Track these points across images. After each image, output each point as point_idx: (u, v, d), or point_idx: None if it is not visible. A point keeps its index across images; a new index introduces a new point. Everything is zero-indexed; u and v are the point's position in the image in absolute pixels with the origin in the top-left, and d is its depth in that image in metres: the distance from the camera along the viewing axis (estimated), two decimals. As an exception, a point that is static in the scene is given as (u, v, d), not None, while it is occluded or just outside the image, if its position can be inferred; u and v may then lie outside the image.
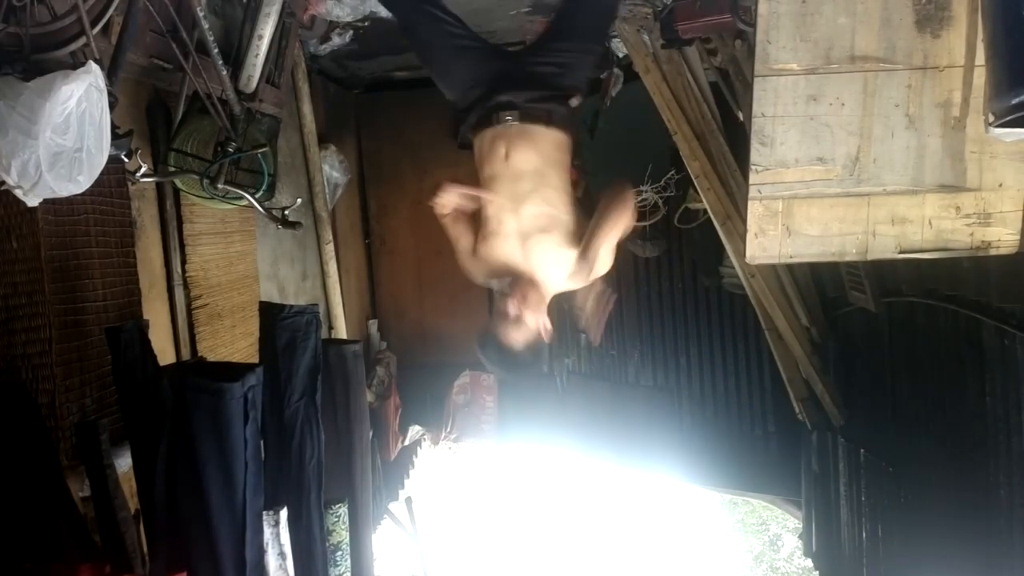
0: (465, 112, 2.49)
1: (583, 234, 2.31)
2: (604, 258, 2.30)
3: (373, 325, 5.95)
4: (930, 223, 2.47)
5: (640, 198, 5.24)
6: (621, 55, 4.60)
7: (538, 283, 2.32)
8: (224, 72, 2.66)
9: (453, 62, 2.55)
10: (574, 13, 2.59)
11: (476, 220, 2.41)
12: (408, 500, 5.86)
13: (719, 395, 5.52)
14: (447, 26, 2.52)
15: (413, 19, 2.60)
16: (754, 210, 2.49)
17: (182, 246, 3.15)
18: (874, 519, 4.01)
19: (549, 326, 2.32)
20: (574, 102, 2.50)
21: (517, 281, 2.32)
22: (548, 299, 2.37)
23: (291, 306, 2.19)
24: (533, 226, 2.31)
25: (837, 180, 2.45)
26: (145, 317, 2.66)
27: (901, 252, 2.52)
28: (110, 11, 1.93)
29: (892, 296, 3.68)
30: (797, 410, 4.66)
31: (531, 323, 2.27)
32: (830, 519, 4.56)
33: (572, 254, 2.30)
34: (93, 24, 1.86)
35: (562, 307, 2.60)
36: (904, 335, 3.63)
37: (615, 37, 4.43)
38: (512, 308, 2.25)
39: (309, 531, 2.11)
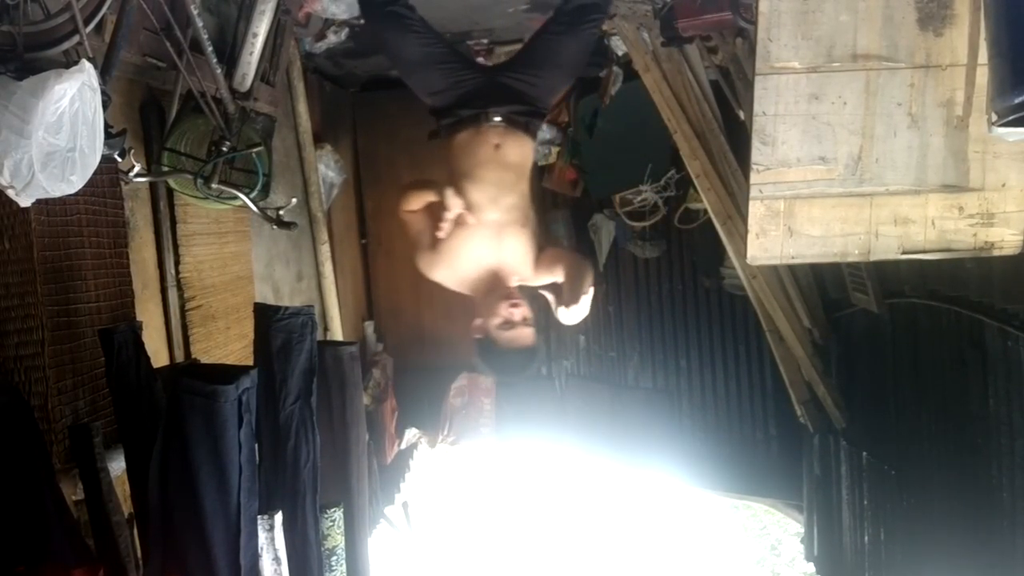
0: (444, 114, 2.45)
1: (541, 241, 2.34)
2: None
3: (369, 327, 5.92)
4: (933, 223, 2.46)
5: (640, 198, 5.24)
6: (620, 53, 4.58)
7: (509, 276, 2.29)
8: (218, 70, 2.63)
9: (427, 72, 2.49)
10: (555, 43, 2.51)
11: (435, 216, 2.32)
12: (405, 504, 5.84)
13: (720, 397, 5.51)
14: (415, 35, 2.45)
15: (382, 26, 2.54)
16: (755, 210, 2.47)
17: (176, 247, 3.12)
18: (876, 523, 3.99)
19: (529, 314, 2.26)
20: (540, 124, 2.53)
21: (498, 285, 2.27)
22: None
23: (286, 307, 2.16)
24: (511, 219, 2.29)
25: (839, 180, 2.43)
26: (139, 319, 2.63)
27: (904, 253, 2.50)
28: (103, 9, 1.91)
29: (894, 297, 3.66)
30: (799, 413, 4.64)
31: (521, 321, 2.22)
32: (832, 523, 4.54)
33: (532, 256, 2.31)
34: (86, 22, 1.84)
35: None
36: (907, 337, 3.62)
37: (614, 35, 4.41)
38: (514, 313, 2.20)
39: (304, 535, 2.09)
